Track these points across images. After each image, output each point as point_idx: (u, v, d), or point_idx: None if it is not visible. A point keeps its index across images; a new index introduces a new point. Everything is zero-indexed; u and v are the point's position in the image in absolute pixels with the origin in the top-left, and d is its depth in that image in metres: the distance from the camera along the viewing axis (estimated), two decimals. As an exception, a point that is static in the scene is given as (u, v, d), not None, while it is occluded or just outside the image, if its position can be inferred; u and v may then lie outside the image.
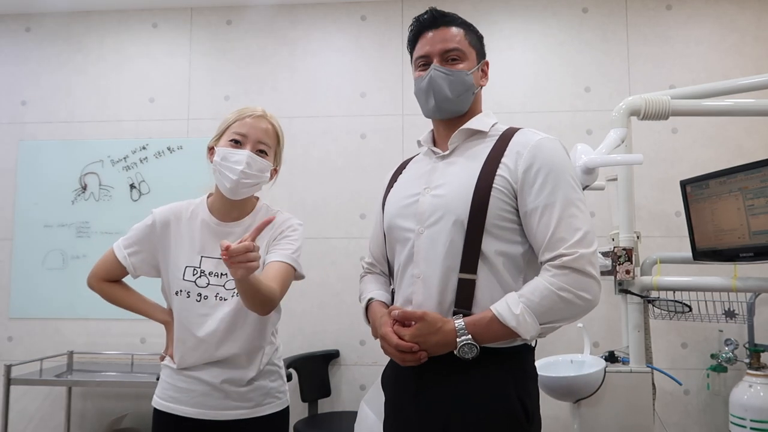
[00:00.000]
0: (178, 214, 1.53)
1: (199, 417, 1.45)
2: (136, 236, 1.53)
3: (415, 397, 1.26)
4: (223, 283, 1.46)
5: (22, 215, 3.37)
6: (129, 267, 1.51)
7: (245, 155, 1.45)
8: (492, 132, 1.33)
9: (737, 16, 3.16)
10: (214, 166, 1.48)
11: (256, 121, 1.49)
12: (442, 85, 1.31)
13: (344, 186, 3.26)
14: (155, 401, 1.50)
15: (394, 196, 1.41)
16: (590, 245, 1.18)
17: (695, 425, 2.99)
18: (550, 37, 3.26)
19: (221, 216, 1.52)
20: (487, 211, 1.22)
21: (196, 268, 1.46)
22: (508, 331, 1.16)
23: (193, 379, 1.46)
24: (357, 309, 3.13)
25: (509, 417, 1.20)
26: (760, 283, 2.16)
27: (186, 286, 1.46)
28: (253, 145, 1.47)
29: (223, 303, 1.45)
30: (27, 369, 2.95)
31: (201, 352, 1.45)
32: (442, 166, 1.34)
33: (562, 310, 1.16)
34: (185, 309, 1.46)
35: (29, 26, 3.49)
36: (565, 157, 1.26)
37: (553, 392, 2.21)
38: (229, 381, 1.46)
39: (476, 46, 1.37)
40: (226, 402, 1.46)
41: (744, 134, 3.08)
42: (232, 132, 1.48)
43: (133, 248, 1.52)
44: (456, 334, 1.17)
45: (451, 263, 1.23)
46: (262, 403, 1.50)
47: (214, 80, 3.39)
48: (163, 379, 1.51)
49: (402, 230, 1.33)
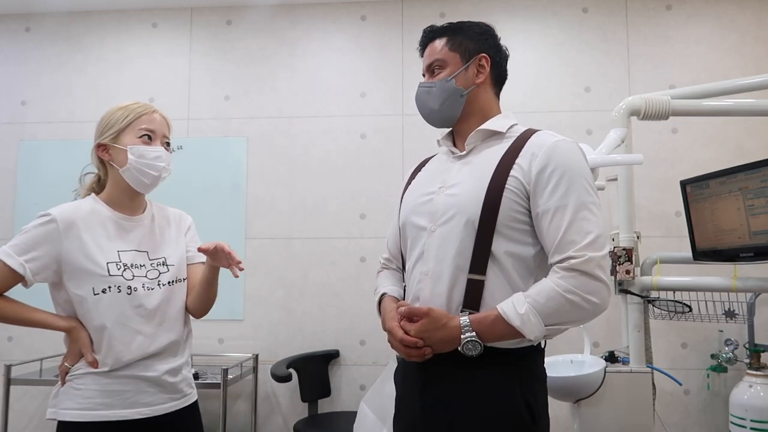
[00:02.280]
0: (79, 212, 1.45)
1: (135, 417, 1.42)
2: (32, 240, 1.40)
3: (421, 394, 1.27)
4: (144, 273, 1.47)
5: (22, 215, 3.36)
6: (27, 274, 1.39)
7: (161, 151, 1.48)
8: (509, 133, 1.33)
9: (737, 16, 3.16)
10: (128, 164, 1.44)
11: (158, 116, 1.52)
12: (426, 99, 1.38)
13: (344, 186, 3.26)
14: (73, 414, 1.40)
15: (412, 194, 1.42)
16: (600, 249, 1.17)
17: (695, 425, 2.99)
18: (550, 37, 3.26)
19: (125, 211, 1.51)
20: (498, 212, 1.22)
21: (118, 263, 1.44)
22: (513, 331, 1.16)
23: (127, 378, 1.43)
24: (357, 309, 3.17)
25: (514, 417, 1.20)
26: (760, 283, 2.16)
27: (114, 281, 1.42)
28: (161, 139, 1.51)
29: (151, 292, 1.46)
30: (27, 369, 2.95)
31: (137, 346, 1.43)
32: (458, 166, 1.34)
33: (569, 312, 1.16)
34: (117, 305, 1.42)
35: (29, 26, 3.49)
36: (581, 160, 1.25)
37: (553, 392, 2.20)
38: (169, 372, 1.47)
39: (461, 48, 1.36)
40: (159, 396, 1.46)
41: (744, 134, 3.08)
42: (142, 128, 1.47)
43: (30, 254, 1.39)
44: (461, 331, 1.18)
45: (460, 263, 1.24)
46: (187, 392, 1.54)
47: (214, 80, 3.39)
48: (86, 387, 1.42)
49: (415, 227, 1.35)
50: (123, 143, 1.46)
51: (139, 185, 1.48)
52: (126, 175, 1.46)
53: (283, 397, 3.18)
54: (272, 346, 3.20)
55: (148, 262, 1.49)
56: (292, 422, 2.99)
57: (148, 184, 1.48)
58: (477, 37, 1.38)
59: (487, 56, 1.37)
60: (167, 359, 1.48)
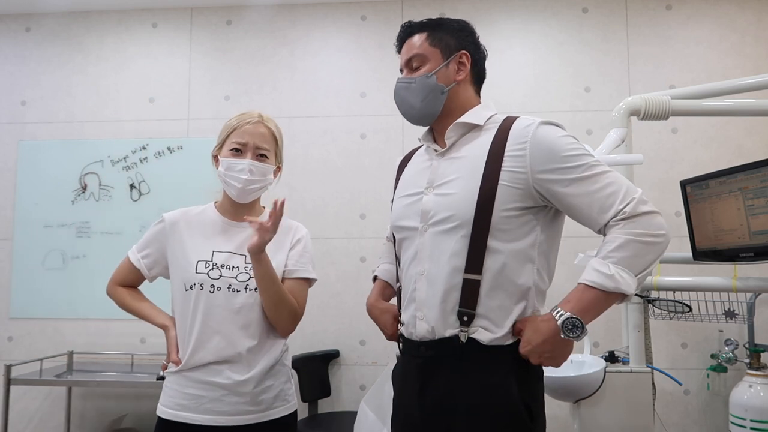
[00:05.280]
0: (187, 214, 1.60)
1: (209, 424, 1.43)
2: (147, 239, 1.59)
3: (420, 394, 1.27)
4: (235, 275, 1.49)
5: (22, 215, 3.37)
6: (143, 269, 1.58)
7: (247, 164, 1.51)
8: (488, 125, 1.32)
9: (737, 16, 3.16)
10: (219, 175, 1.55)
11: (254, 127, 1.54)
12: (405, 95, 1.36)
13: (344, 186, 3.26)
14: (161, 410, 1.48)
15: (398, 195, 1.42)
16: (635, 190, 1.21)
17: (695, 425, 2.99)
18: (550, 37, 3.26)
19: (231, 217, 1.58)
20: (492, 209, 1.22)
21: (208, 262, 1.50)
22: (604, 296, 1.16)
23: (203, 383, 1.45)
24: (357, 309, 3.17)
25: (513, 417, 1.20)
26: (760, 283, 2.16)
27: (199, 279, 1.47)
28: (253, 151, 1.53)
29: (236, 294, 1.47)
30: (27, 369, 2.95)
31: (214, 345, 1.45)
32: (444, 163, 1.33)
33: (648, 252, 1.17)
34: (198, 301, 1.47)
35: (29, 26, 3.49)
36: (563, 134, 1.27)
37: (553, 392, 2.21)
38: (242, 382, 1.44)
39: (442, 43, 1.35)
40: (236, 407, 1.44)
41: (744, 134, 3.08)
42: (232, 141, 1.54)
43: (145, 251, 1.58)
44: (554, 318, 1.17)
45: (456, 263, 1.23)
46: (273, 405, 1.49)
47: (214, 80, 3.39)
48: (169, 386, 1.49)
49: (406, 230, 1.34)
50: (222, 155, 1.56)
51: (232, 195, 1.55)
52: (222, 185, 1.56)
53: (283, 397, 3.17)
54: (272, 346, 3.20)
55: (243, 265, 1.50)
56: (292, 422, 2.99)
57: (236, 194, 1.53)
58: (457, 33, 1.37)
59: (467, 53, 1.36)
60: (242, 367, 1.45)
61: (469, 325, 1.22)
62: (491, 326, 1.22)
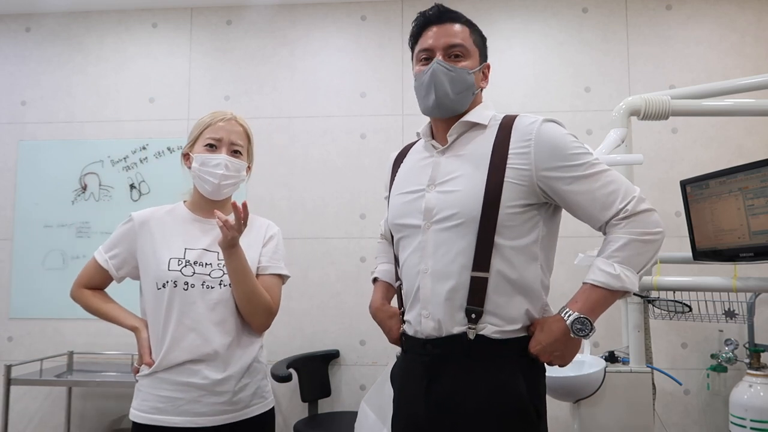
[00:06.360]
0: (156, 213, 1.57)
1: (187, 426, 1.42)
2: (115, 239, 1.56)
3: (426, 392, 1.26)
4: (208, 272, 1.48)
5: (22, 215, 3.37)
6: (111, 269, 1.54)
7: (222, 159, 1.51)
8: (490, 124, 1.33)
9: (737, 16, 3.16)
10: (193, 171, 1.54)
11: (228, 124, 1.56)
12: (444, 80, 1.30)
13: (344, 186, 3.26)
14: (134, 414, 1.46)
15: (396, 192, 1.42)
16: (634, 188, 1.24)
17: (695, 425, 2.99)
18: (550, 37, 3.26)
19: (203, 214, 1.57)
20: (499, 207, 1.22)
21: (180, 259, 1.48)
22: (609, 295, 1.20)
23: (179, 385, 1.43)
24: (357, 309, 3.17)
25: (520, 414, 1.21)
26: (760, 283, 2.16)
27: (172, 276, 1.46)
28: (228, 147, 1.54)
29: (210, 290, 1.46)
30: (27, 369, 2.95)
31: (189, 342, 1.43)
32: (445, 161, 1.33)
33: (648, 250, 1.21)
34: (173, 299, 1.45)
35: (29, 26, 3.49)
36: (566, 132, 1.29)
37: (553, 392, 2.20)
38: (219, 381, 1.43)
39: (480, 46, 1.37)
40: (214, 407, 1.43)
41: (744, 134, 3.08)
42: (207, 138, 1.54)
43: (113, 251, 1.55)
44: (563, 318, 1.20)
45: (464, 261, 1.23)
46: (251, 403, 1.49)
47: (214, 80, 3.39)
48: (143, 389, 1.47)
49: (407, 227, 1.34)
50: (194, 152, 1.55)
51: (206, 192, 1.54)
52: (195, 181, 1.56)
53: (283, 397, 3.17)
54: (272, 346, 3.19)
55: (216, 262, 1.49)
56: (292, 422, 2.98)
57: (210, 190, 1.53)
58: (484, 43, 1.40)
59: (489, 66, 1.40)
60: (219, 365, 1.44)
61: (477, 322, 1.22)
62: (500, 322, 1.23)
